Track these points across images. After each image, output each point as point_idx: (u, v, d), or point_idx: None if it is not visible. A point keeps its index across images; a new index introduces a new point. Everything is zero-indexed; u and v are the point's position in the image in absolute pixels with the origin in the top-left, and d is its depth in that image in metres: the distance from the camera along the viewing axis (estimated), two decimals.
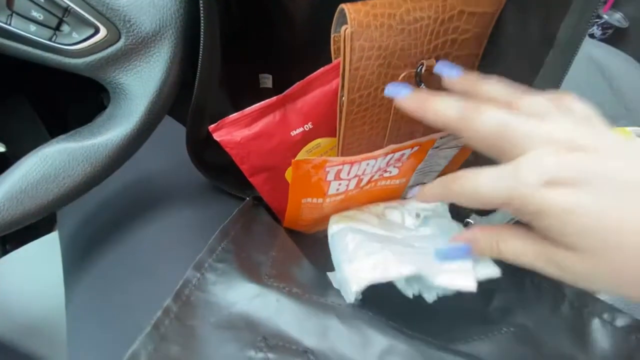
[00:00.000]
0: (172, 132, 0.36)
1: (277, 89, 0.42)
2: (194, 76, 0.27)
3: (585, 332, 0.25)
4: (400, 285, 0.25)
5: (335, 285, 0.27)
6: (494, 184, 0.20)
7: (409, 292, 0.25)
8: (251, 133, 0.30)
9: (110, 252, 0.31)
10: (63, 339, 0.31)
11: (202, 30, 0.25)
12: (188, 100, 0.28)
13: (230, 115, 0.29)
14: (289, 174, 0.34)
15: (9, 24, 0.22)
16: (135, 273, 0.29)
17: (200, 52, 0.26)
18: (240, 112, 0.29)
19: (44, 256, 0.43)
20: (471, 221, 0.33)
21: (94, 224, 0.33)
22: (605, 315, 0.25)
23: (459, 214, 0.33)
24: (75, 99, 0.72)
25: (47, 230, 0.56)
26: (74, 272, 0.32)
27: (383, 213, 0.33)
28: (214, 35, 0.27)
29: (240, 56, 0.35)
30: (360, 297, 0.25)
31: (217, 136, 0.30)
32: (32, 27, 0.22)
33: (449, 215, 0.31)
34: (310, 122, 0.31)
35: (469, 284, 0.23)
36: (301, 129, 0.31)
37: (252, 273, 0.26)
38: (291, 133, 0.31)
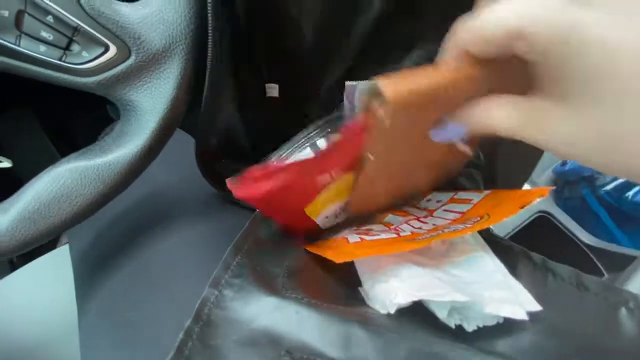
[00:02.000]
0: (181, 144, 0.36)
1: (283, 98, 0.42)
2: (202, 89, 0.27)
3: (612, 320, 0.25)
4: (442, 316, 0.24)
5: (367, 294, 0.27)
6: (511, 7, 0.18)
7: (451, 322, 0.24)
8: (274, 187, 0.27)
9: (123, 268, 0.30)
10: (74, 356, 0.31)
11: (209, 44, 0.24)
12: (197, 112, 0.28)
13: (251, 170, 0.26)
14: (309, 210, 0.33)
15: (18, 45, 0.21)
16: (148, 288, 0.29)
17: (208, 65, 0.25)
18: (263, 167, 0.26)
19: (53, 272, 0.43)
20: None
21: (105, 239, 0.33)
22: (631, 304, 0.25)
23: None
24: (80, 111, 0.72)
25: (52, 246, 0.56)
26: (87, 288, 0.32)
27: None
28: (221, 48, 0.27)
29: (247, 67, 0.35)
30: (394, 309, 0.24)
31: (236, 193, 0.27)
32: (42, 48, 0.22)
33: (480, 241, 0.31)
34: (337, 168, 0.29)
35: (518, 312, 0.23)
36: (327, 175, 0.28)
37: (269, 286, 0.25)
38: (316, 179, 0.29)
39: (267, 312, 0.24)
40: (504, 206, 0.27)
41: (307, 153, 0.37)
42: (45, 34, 0.21)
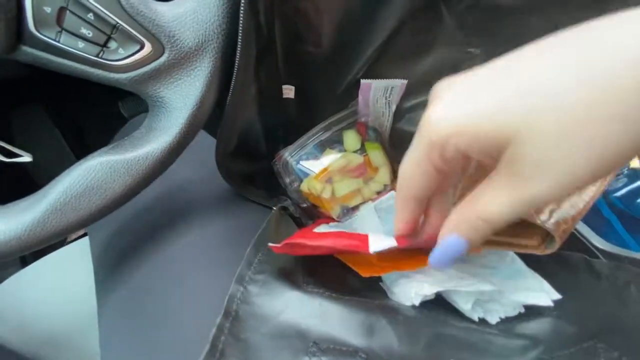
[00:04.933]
0: (199, 142, 0.36)
1: (298, 99, 0.42)
2: (225, 89, 0.28)
3: (624, 298, 0.26)
4: (466, 308, 0.25)
5: (389, 288, 0.27)
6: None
7: (475, 316, 0.25)
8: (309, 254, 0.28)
9: (144, 262, 0.31)
10: (91, 350, 0.31)
11: (239, 44, 0.25)
12: (218, 112, 0.29)
13: (294, 238, 0.26)
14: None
15: (58, 41, 0.22)
16: (169, 283, 0.30)
17: (236, 66, 0.26)
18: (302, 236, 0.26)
19: (72, 264, 0.44)
20: None
21: (126, 234, 0.33)
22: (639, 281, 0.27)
23: None
24: (91, 108, 0.73)
25: (61, 243, 0.57)
26: (107, 281, 0.32)
27: None
28: (250, 50, 0.28)
29: (266, 69, 0.36)
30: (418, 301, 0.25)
31: (276, 250, 0.27)
32: (81, 44, 0.22)
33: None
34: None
35: (543, 299, 0.24)
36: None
37: (292, 281, 0.26)
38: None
39: (292, 306, 0.24)
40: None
41: (309, 151, 0.38)
42: (85, 31, 0.22)
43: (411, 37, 0.38)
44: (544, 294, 0.25)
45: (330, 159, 0.36)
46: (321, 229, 0.31)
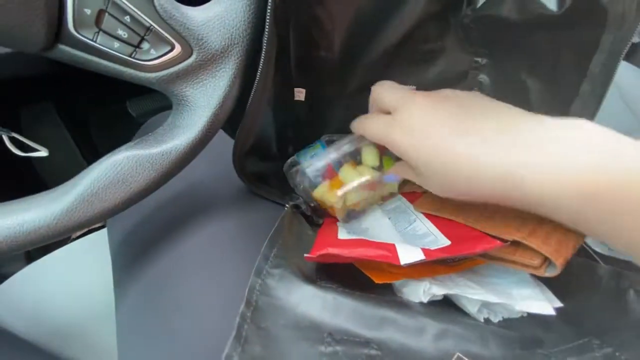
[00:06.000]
0: (215, 140, 0.38)
1: (309, 102, 0.44)
2: (244, 91, 0.29)
3: (623, 302, 0.27)
4: (472, 311, 0.27)
5: (399, 289, 0.29)
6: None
7: (480, 317, 0.27)
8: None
9: (162, 255, 0.32)
10: (104, 343, 0.32)
11: (264, 48, 0.27)
12: (236, 113, 0.30)
13: (323, 246, 0.28)
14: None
15: (95, 41, 0.23)
16: (187, 275, 0.31)
17: (259, 69, 0.27)
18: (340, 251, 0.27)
19: (90, 255, 0.44)
20: None
21: (145, 227, 0.35)
22: (639, 287, 0.28)
23: None
24: (99, 107, 0.74)
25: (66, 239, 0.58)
26: (125, 273, 0.33)
27: None
28: (271, 54, 0.29)
29: (281, 72, 0.38)
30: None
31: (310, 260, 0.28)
32: (116, 44, 0.24)
33: None
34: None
35: (546, 308, 0.25)
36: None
37: (306, 276, 0.27)
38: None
39: (307, 299, 0.26)
40: None
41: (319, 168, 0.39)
42: (121, 32, 0.23)
43: (420, 45, 0.40)
44: (545, 303, 0.26)
45: (349, 174, 0.36)
46: (343, 234, 0.32)
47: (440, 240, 0.29)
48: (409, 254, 0.25)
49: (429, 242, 0.30)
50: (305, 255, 0.27)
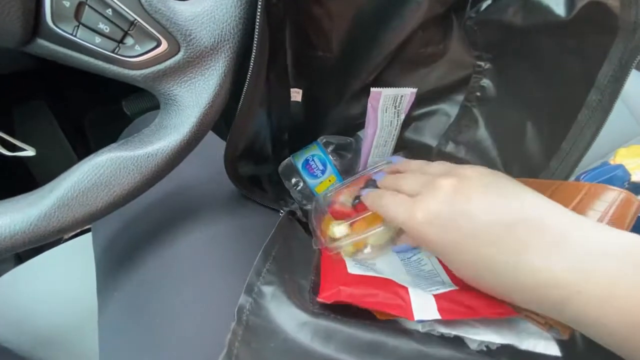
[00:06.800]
0: (205, 142, 0.36)
1: (306, 103, 0.42)
2: (236, 91, 0.28)
3: None
4: (473, 346, 0.26)
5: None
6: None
7: (475, 345, 0.26)
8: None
9: (148, 261, 0.31)
10: (87, 349, 0.31)
11: (254, 46, 0.25)
12: (227, 114, 0.28)
13: (335, 283, 0.28)
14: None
15: (75, 35, 0.22)
16: (173, 282, 0.29)
17: (250, 68, 0.26)
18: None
19: (73, 260, 0.43)
20: None
21: (131, 231, 0.33)
22: None
23: None
24: (94, 106, 0.73)
25: (59, 240, 0.56)
26: (109, 278, 0.32)
27: None
28: (263, 53, 0.28)
29: (276, 73, 0.36)
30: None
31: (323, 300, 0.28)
32: (97, 39, 0.22)
33: None
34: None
35: (552, 348, 0.24)
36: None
37: (298, 298, 0.26)
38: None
39: (298, 325, 0.25)
40: None
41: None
42: (102, 26, 0.22)
43: (422, 48, 0.38)
44: (551, 343, 0.25)
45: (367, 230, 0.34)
46: (352, 268, 0.31)
47: (446, 283, 0.29)
48: (423, 311, 0.25)
49: (436, 282, 0.29)
50: (318, 299, 0.27)
